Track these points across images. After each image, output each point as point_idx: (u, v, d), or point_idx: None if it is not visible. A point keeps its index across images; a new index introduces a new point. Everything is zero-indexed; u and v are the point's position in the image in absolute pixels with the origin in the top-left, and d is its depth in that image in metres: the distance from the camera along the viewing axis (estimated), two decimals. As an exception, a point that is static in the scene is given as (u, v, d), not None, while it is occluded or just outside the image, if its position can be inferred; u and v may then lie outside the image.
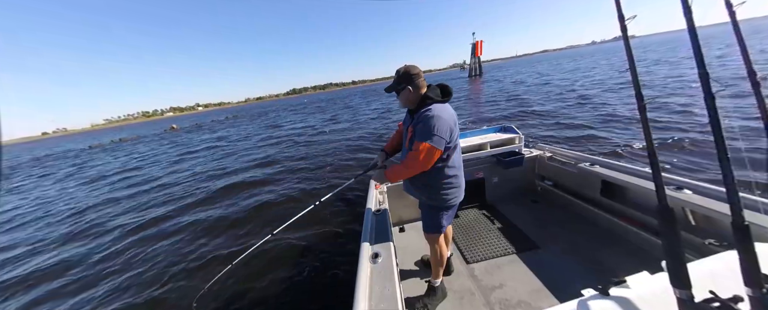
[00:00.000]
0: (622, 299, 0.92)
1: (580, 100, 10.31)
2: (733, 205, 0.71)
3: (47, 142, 75.30)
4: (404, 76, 1.51)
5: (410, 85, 1.49)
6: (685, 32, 0.74)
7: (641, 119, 0.85)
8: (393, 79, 1.58)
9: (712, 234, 1.51)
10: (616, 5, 0.87)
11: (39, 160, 24.15)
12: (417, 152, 1.39)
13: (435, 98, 1.48)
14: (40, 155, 30.64)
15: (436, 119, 1.39)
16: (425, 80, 1.54)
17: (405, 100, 1.55)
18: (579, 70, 25.46)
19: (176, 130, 36.01)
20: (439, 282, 1.83)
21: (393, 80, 1.58)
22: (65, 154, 26.08)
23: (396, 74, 1.56)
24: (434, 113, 1.41)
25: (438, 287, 1.82)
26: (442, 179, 1.56)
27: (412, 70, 1.51)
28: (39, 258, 4.39)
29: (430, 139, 1.38)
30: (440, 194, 1.58)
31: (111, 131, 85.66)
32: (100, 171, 12.32)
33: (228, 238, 4.08)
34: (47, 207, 7.59)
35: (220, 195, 6.11)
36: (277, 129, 18.43)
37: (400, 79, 1.52)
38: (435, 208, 1.65)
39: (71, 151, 28.67)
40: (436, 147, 1.39)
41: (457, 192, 1.63)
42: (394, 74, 1.57)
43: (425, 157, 1.39)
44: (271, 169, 7.78)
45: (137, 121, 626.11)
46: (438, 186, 1.57)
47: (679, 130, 5.28)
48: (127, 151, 19.12)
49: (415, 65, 1.54)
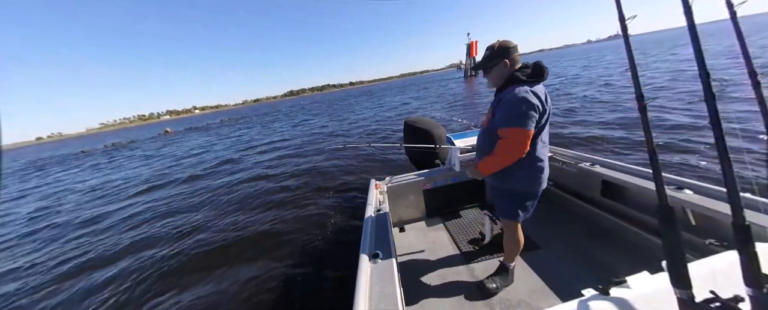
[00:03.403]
0: (622, 300, 0.92)
1: (580, 100, 10.36)
2: (733, 205, 0.71)
3: (43, 148, 73.55)
4: (500, 50, 1.40)
5: (507, 58, 1.39)
6: (677, 30, 0.74)
7: (641, 119, 0.85)
8: (483, 56, 1.46)
9: (713, 234, 1.51)
10: (616, 5, 0.87)
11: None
12: (507, 140, 1.28)
13: (521, 78, 1.37)
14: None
15: (521, 100, 1.28)
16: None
17: (497, 77, 1.44)
18: (572, 68, 25.28)
19: (170, 133, 35.91)
20: (513, 266, 1.82)
21: (483, 57, 1.46)
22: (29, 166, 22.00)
23: (488, 50, 1.44)
24: (518, 93, 1.30)
25: (511, 270, 1.82)
26: (524, 163, 1.43)
27: (508, 44, 1.41)
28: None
29: (517, 122, 1.27)
30: (521, 178, 1.48)
31: (106, 136, 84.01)
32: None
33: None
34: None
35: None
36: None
37: (495, 54, 1.41)
38: (516, 194, 1.55)
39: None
40: (525, 129, 1.27)
41: (543, 176, 1.51)
42: (486, 51, 1.45)
43: (517, 143, 1.28)
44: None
45: (133, 124, 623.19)
46: (519, 169, 1.45)
47: (680, 130, 5.28)
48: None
49: (510, 40, 1.45)
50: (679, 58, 18.11)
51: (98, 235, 5.14)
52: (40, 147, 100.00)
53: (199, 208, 5.69)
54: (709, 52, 0.71)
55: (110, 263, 3.94)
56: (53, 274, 3.90)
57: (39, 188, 11.64)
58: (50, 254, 4.63)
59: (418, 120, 3.17)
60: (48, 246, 5.01)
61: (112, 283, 3.43)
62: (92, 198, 8.15)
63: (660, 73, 12.74)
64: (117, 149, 24.33)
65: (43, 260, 4.40)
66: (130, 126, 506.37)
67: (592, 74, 18.17)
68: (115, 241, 4.69)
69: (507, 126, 1.30)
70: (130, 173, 11.27)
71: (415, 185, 2.70)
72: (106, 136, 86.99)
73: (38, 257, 4.58)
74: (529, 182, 1.51)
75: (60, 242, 5.15)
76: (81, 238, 5.13)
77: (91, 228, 5.57)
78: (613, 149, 5.00)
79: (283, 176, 6.91)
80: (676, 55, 20.68)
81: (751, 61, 0.78)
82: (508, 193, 1.58)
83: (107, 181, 10.26)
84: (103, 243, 4.67)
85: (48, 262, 4.30)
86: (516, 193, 1.55)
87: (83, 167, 15.86)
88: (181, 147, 17.69)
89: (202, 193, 6.66)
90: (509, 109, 1.31)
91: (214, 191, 6.65)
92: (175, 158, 13.34)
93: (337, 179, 6.03)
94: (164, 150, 17.62)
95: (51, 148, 54.86)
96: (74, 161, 20.70)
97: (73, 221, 6.26)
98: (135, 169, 12.04)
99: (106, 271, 3.72)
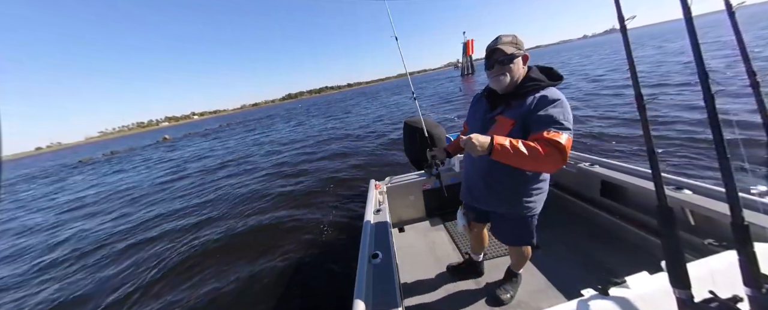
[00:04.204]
0: (621, 300, 0.92)
1: (579, 100, 10.36)
2: (732, 205, 0.71)
3: (41, 158, 72.32)
4: (521, 43, 1.19)
5: (525, 53, 1.19)
6: (671, 23, 0.74)
7: (641, 119, 0.85)
8: (494, 52, 1.17)
9: (712, 234, 1.51)
10: (615, 5, 0.87)
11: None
12: (562, 146, 1.03)
13: (545, 79, 1.20)
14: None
15: (566, 105, 1.13)
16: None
17: (517, 74, 1.18)
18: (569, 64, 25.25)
19: (169, 140, 35.92)
20: (521, 271, 1.78)
21: (498, 50, 1.16)
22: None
23: (506, 40, 1.17)
24: (560, 97, 1.14)
25: (520, 275, 1.80)
26: (539, 181, 1.31)
27: (519, 38, 1.19)
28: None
29: (569, 129, 1.09)
30: (542, 196, 1.36)
31: (103, 144, 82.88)
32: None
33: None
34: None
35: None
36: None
37: (519, 44, 1.18)
38: (534, 216, 1.39)
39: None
40: (571, 139, 1.09)
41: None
42: (500, 42, 1.17)
43: (567, 152, 1.06)
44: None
45: (132, 132, 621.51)
46: (540, 186, 1.32)
47: (679, 130, 5.28)
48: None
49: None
50: (666, 50, 18.33)
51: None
52: (38, 157, 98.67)
53: (196, 207, 5.69)
54: (704, 47, 0.70)
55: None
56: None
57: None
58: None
59: (417, 120, 3.18)
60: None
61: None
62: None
63: (650, 66, 12.97)
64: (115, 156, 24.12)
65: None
66: (129, 133, 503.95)
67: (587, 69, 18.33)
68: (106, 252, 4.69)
69: (561, 130, 1.07)
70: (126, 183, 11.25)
71: (414, 185, 2.70)
72: (107, 144, 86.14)
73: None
74: (543, 199, 1.37)
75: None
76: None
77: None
78: (612, 149, 5.01)
79: (281, 177, 6.91)
80: (662, 48, 20.88)
81: (750, 62, 0.78)
82: (524, 217, 1.37)
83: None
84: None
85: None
86: (534, 215, 1.38)
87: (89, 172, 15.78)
88: (183, 152, 17.64)
89: (198, 193, 6.67)
90: (562, 113, 1.11)
91: (214, 192, 6.65)
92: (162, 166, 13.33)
93: (336, 178, 6.03)
94: (168, 155, 17.51)
95: (51, 158, 54.12)
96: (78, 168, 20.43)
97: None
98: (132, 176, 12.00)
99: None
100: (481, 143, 1.05)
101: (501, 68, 1.17)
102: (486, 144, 1.05)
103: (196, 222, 4.88)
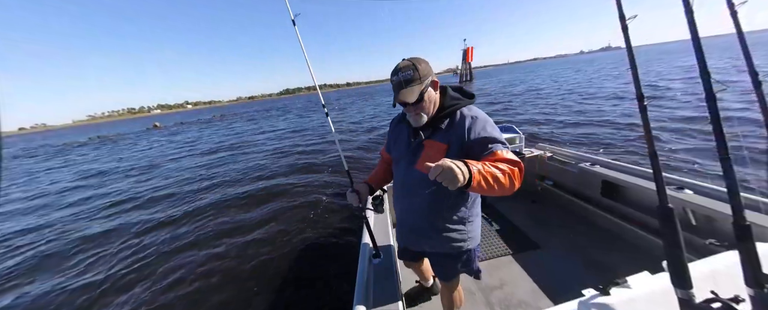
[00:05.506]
0: (622, 300, 0.92)
1: (579, 100, 10.36)
2: (734, 205, 0.71)
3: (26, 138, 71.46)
4: (425, 68, 1.03)
5: (435, 78, 1.08)
6: (676, 43, 0.74)
7: (642, 119, 0.85)
8: (401, 80, 1.02)
9: (713, 234, 1.51)
10: (616, 5, 0.87)
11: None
12: (519, 165, 0.93)
13: (457, 97, 1.15)
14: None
15: (489, 120, 1.09)
16: None
17: (430, 104, 1.08)
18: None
19: (159, 127, 35.86)
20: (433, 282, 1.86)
21: (403, 80, 1.01)
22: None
23: (409, 72, 1.01)
24: (485, 114, 1.11)
25: (433, 285, 1.87)
26: (476, 208, 1.22)
27: (421, 63, 1.05)
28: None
29: (505, 145, 1.02)
30: (477, 225, 1.24)
31: (92, 128, 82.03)
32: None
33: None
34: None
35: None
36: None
37: (423, 74, 1.02)
38: (473, 249, 1.24)
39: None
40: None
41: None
42: (401, 72, 1.02)
43: (523, 167, 0.94)
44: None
45: (122, 117, 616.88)
46: (477, 215, 1.23)
47: (680, 130, 5.27)
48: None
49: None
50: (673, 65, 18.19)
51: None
52: (22, 137, 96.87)
53: (192, 206, 5.68)
54: (708, 58, 0.69)
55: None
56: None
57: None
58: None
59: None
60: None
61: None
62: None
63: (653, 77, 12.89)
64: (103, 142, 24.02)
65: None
66: (118, 119, 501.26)
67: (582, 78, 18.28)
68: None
69: (505, 148, 0.99)
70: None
71: None
72: (98, 127, 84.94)
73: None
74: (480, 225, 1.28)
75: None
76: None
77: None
78: (612, 149, 5.01)
79: (279, 175, 6.90)
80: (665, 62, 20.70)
81: (752, 61, 0.78)
82: (461, 250, 1.21)
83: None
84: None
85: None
86: (478, 245, 1.27)
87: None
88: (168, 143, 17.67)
89: (193, 192, 6.65)
90: (496, 130, 1.05)
91: (209, 187, 6.64)
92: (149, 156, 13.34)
93: (336, 178, 6.03)
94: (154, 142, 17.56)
95: (40, 138, 53.60)
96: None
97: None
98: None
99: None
100: (463, 172, 0.77)
101: (415, 108, 1.06)
102: (467, 172, 0.79)
103: (196, 223, 4.88)
